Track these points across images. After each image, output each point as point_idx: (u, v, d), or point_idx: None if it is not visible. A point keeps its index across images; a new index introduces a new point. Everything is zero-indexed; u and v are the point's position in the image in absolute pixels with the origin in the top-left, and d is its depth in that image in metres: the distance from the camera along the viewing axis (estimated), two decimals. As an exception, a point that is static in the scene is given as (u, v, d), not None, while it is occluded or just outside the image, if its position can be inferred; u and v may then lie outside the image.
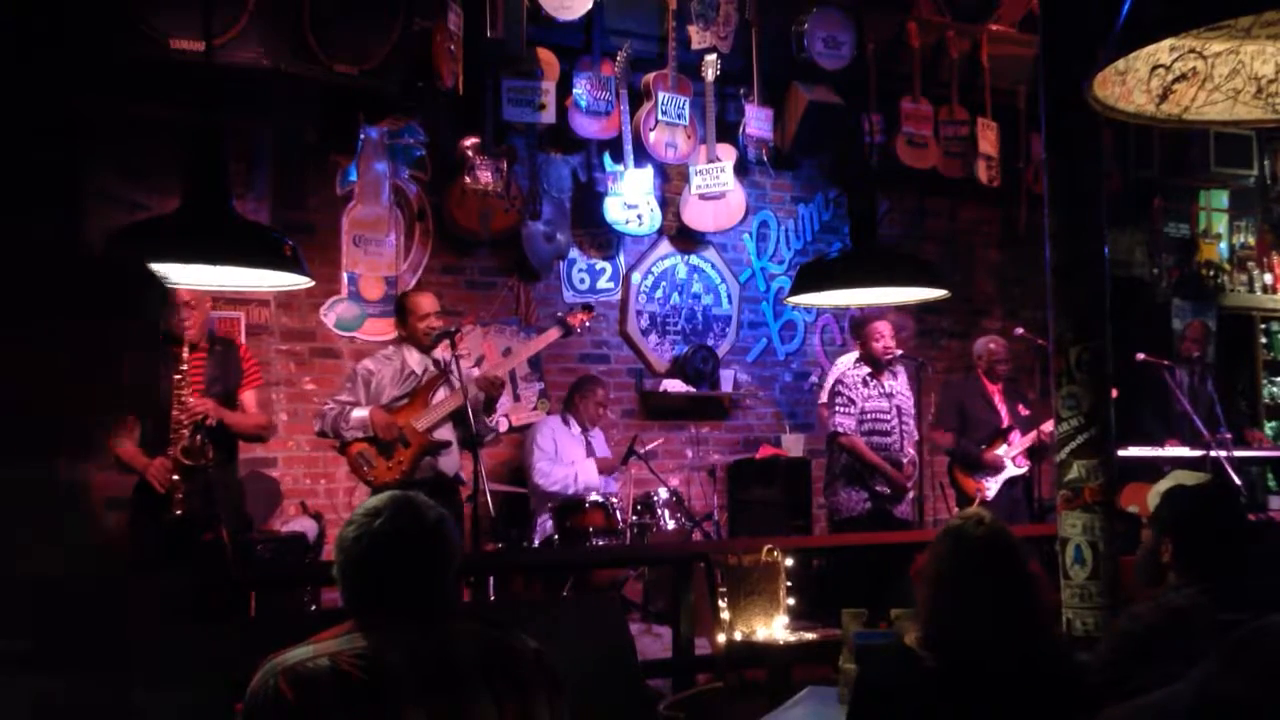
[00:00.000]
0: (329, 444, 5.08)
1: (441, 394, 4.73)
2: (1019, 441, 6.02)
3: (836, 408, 5.64)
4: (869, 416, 5.62)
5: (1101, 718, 1.89)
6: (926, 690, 2.07)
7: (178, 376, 4.29)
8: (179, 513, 4.21)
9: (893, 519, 5.59)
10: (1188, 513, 2.40)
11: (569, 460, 5.73)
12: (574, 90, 5.99)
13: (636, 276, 6.59)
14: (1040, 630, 2.14)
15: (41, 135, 5.62)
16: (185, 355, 4.29)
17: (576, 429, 5.87)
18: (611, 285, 6.55)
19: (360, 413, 4.59)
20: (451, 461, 4.77)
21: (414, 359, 4.76)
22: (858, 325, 5.97)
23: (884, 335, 5.64)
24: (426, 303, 4.80)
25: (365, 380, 4.69)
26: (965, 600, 2.10)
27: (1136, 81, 1.94)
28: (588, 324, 5.24)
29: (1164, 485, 2.72)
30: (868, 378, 5.66)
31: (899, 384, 5.75)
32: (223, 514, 4.32)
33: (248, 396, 4.57)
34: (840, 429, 5.59)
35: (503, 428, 6.16)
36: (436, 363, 4.79)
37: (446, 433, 4.73)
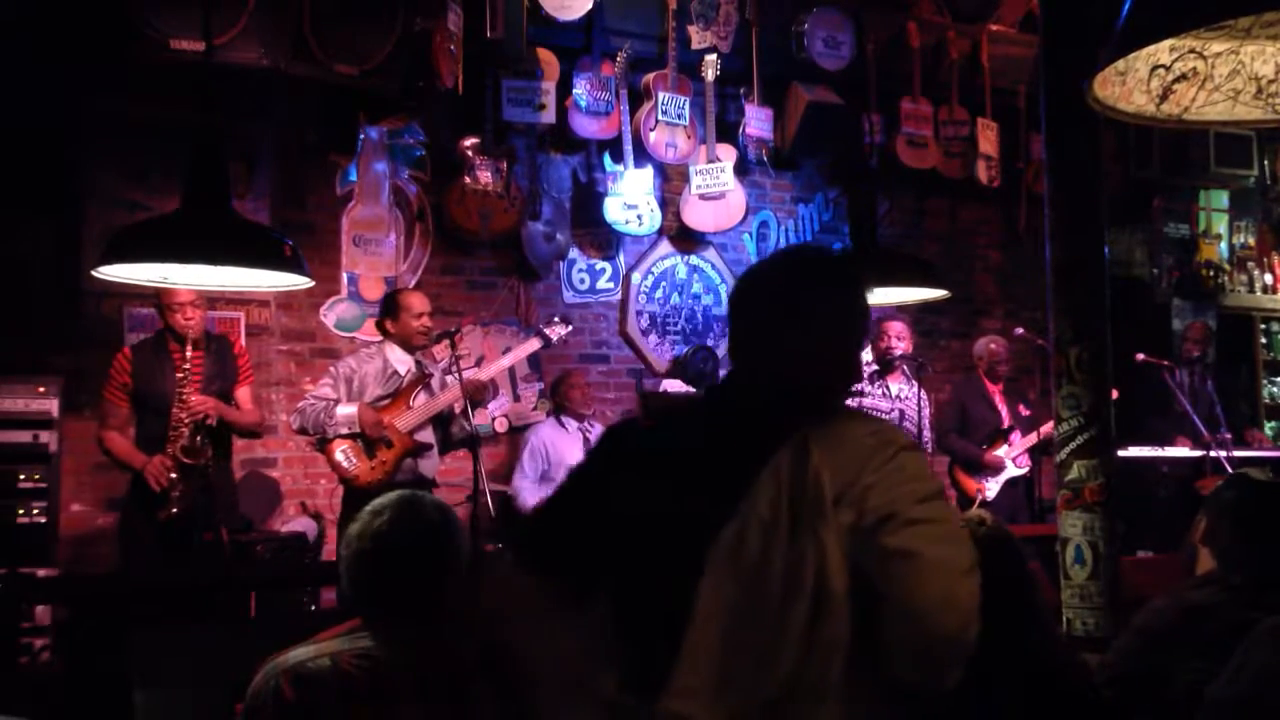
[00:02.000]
0: (329, 443, 5.08)
1: (423, 396, 4.68)
2: (1020, 442, 6.02)
3: None
4: (865, 411, 5.63)
5: None
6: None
7: (180, 375, 4.30)
8: (174, 510, 4.22)
9: None
10: (1226, 495, 2.41)
11: (567, 464, 5.75)
12: (574, 90, 5.99)
13: (636, 276, 6.59)
14: (1041, 630, 2.14)
15: (41, 135, 5.64)
16: (189, 354, 4.29)
17: (572, 425, 5.88)
18: (611, 285, 6.56)
19: (347, 409, 4.51)
20: (431, 464, 4.73)
21: (397, 358, 4.69)
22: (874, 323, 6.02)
23: (887, 335, 5.65)
24: (419, 301, 4.76)
25: (347, 378, 4.60)
26: None
27: (1136, 82, 1.94)
28: (564, 335, 5.25)
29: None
30: (874, 375, 5.68)
31: (908, 389, 5.73)
32: (221, 513, 4.32)
33: (242, 393, 4.60)
34: None
35: (502, 428, 6.17)
36: (419, 363, 4.77)
37: (427, 435, 4.70)
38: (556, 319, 5.30)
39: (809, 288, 1.72)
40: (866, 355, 5.83)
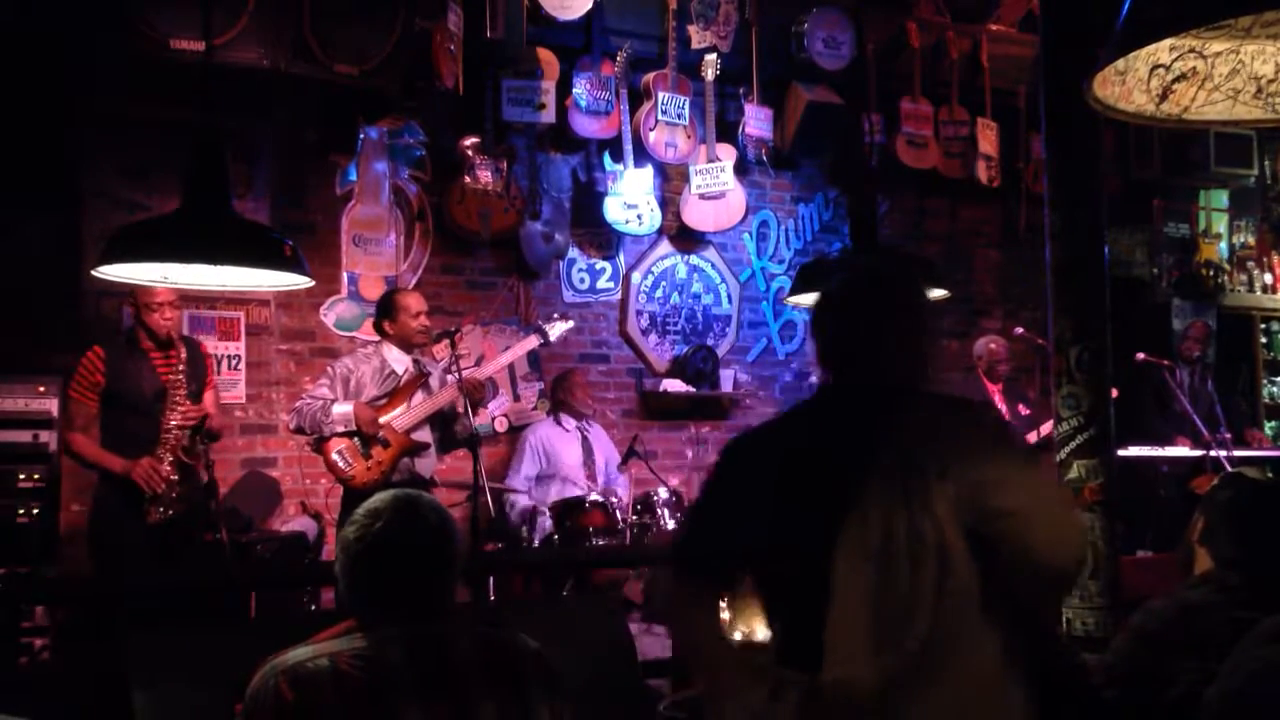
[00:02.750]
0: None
1: (421, 395, 4.67)
2: (1019, 441, 6.02)
3: None
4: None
5: None
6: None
7: (172, 378, 4.27)
8: (170, 513, 4.19)
9: None
10: (1222, 495, 2.41)
11: (564, 463, 5.75)
12: (574, 90, 5.99)
13: (636, 276, 6.59)
14: (1039, 632, 2.14)
15: (42, 135, 5.65)
16: (182, 354, 4.28)
17: (570, 424, 5.88)
18: (611, 285, 6.56)
19: (343, 408, 4.51)
20: (428, 464, 4.72)
21: (395, 358, 4.69)
22: None
23: None
24: (416, 301, 4.76)
25: (344, 378, 4.60)
26: None
27: (1136, 81, 1.94)
28: (564, 332, 5.25)
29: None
30: None
31: None
32: (221, 514, 4.31)
33: (209, 396, 4.53)
34: None
35: (501, 427, 6.17)
36: (417, 363, 4.76)
37: (425, 435, 4.69)
38: (556, 316, 5.31)
39: (905, 292, 1.97)
40: None
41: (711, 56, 6.28)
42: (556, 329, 5.18)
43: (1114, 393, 3.17)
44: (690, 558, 2.07)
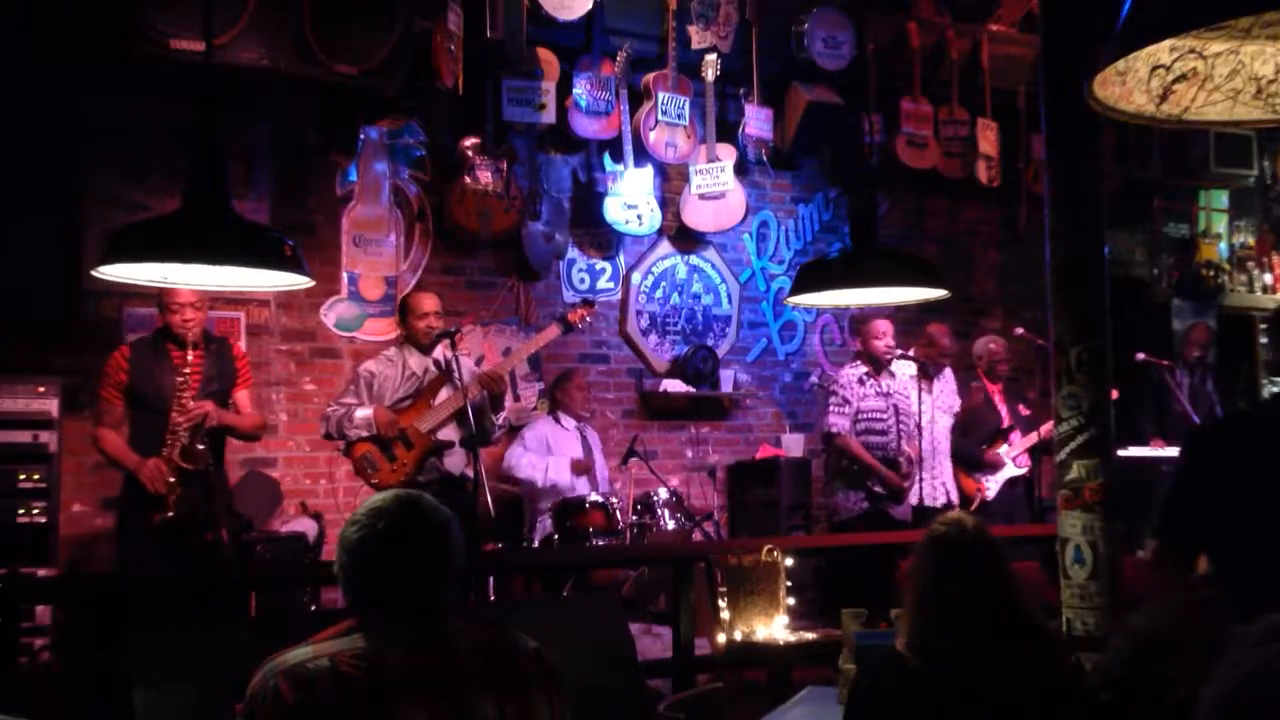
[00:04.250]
0: (329, 444, 5.09)
1: (444, 394, 4.73)
2: (1019, 441, 6.02)
3: (830, 407, 5.62)
4: (864, 416, 5.61)
5: None
6: (916, 693, 2.07)
7: (179, 379, 4.27)
8: (171, 515, 4.18)
9: (890, 520, 5.55)
10: None
11: (559, 454, 5.73)
12: (574, 90, 5.99)
13: (636, 276, 6.59)
14: (1028, 631, 2.14)
15: (41, 135, 5.66)
16: (189, 357, 4.26)
17: (569, 423, 5.88)
18: (611, 285, 6.56)
19: (364, 412, 4.61)
20: (457, 461, 4.77)
21: (415, 360, 4.76)
22: (857, 324, 5.95)
23: (885, 334, 5.62)
24: (428, 302, 4.80)
25: (368, 382, 4.70)
26: (940, 606, 2.11)
27: (1136, 82, 1.94)
28: (589, 319, 5.25)
29: None
30: (864, 377, 5.65)
31: (897, 384, 5.72)
32: (220, 516, 4.31)
33: (241, 396, 4.54)
34: (834, 429, 5.59)
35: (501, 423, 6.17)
36: (438, 363, 4.79)
37: (450, 433, 4.73)
38: (579, 303, 5.26)
39: None
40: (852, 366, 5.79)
41: (711, 56, 6.27)
42: (581, 316, 5.14)
43: (1114, 393, 3.17)
44: (1181, 527, 2.33)
